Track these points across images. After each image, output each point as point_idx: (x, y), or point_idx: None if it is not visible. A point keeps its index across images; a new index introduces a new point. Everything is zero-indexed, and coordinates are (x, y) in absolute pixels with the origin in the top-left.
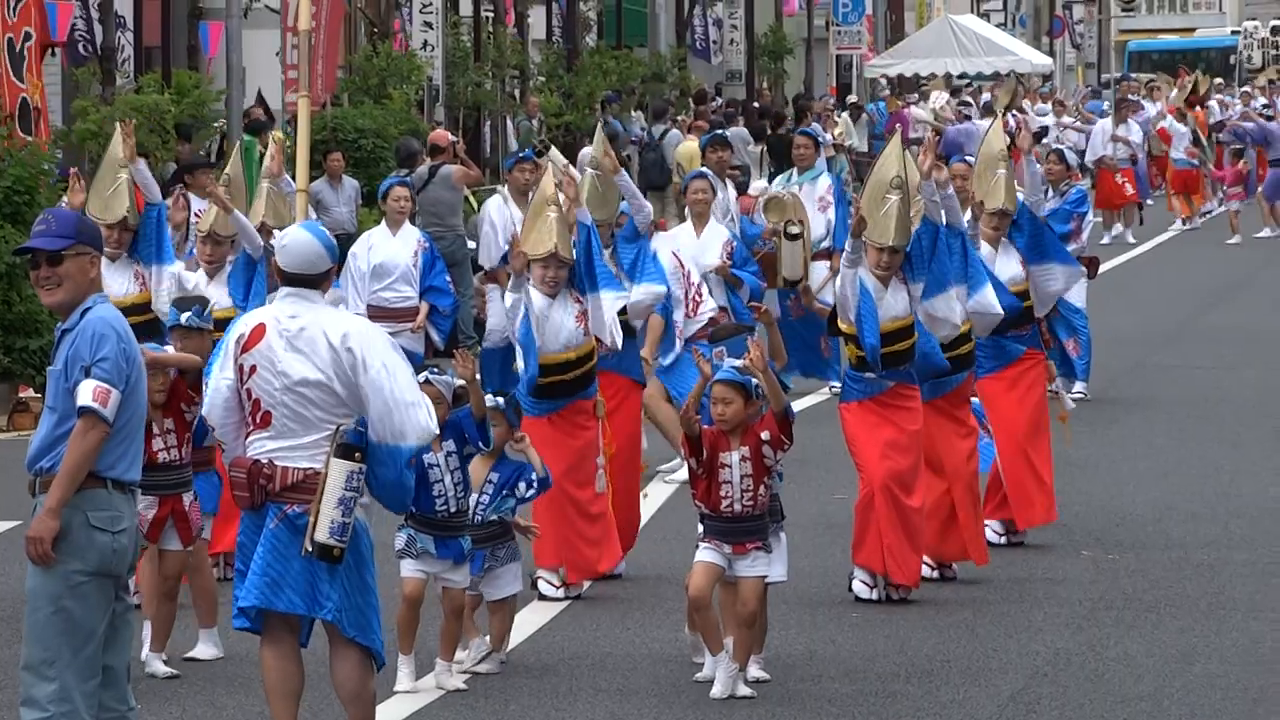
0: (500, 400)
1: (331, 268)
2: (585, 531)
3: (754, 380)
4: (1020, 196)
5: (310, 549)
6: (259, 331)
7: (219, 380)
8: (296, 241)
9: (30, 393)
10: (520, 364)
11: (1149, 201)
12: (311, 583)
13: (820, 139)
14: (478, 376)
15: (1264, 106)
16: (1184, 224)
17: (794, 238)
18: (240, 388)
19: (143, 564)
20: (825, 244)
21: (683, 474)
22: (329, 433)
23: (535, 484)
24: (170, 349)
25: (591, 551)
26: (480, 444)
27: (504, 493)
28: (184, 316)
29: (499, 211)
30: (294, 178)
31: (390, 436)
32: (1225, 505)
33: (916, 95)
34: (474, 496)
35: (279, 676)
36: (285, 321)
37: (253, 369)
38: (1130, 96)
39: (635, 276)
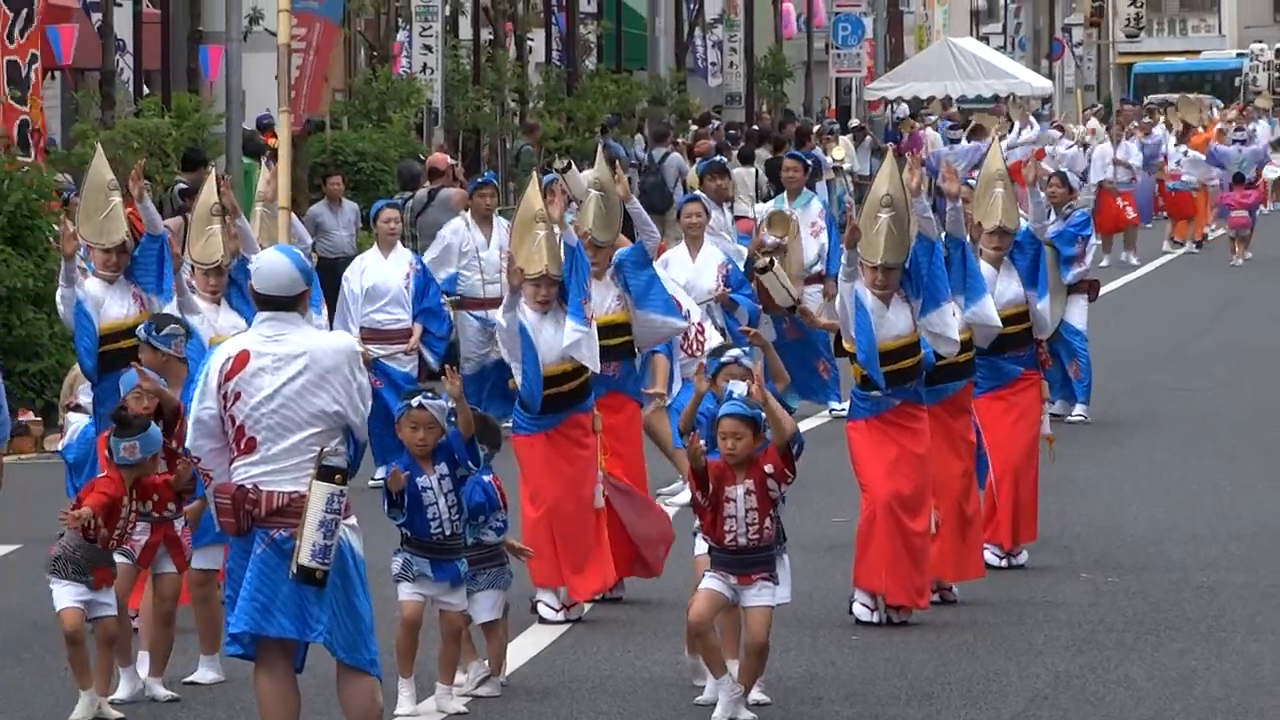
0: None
1: (307, 290)
2: (579, 553)
3: (762, 414)
4: (1025, 224)
5: (295, 573)
6: (243, 358)
7: (199, 411)
8: (270, 264)
9: (30, 416)
10: (518, 381)
11: (1148, 225)
12: (301, 606)
13: (823, 163)
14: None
15: (1235, 130)
16: (1172, 244)
17: (764, 270)
18: (224, 415)
19: (144, 590)
20: (818, 268)
21: (682, 498)
22: (312, 455)
23: (484, 491)
24: None
25: (580, 575)
26: (470, 463)
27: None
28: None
29: (457, 234)
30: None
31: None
32: (1225, 526)
33: (935, 115)
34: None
35: (274, 701)
36: (268, 345)
37: (237, 395)
38: (1145, 120)
39: (645, 303)
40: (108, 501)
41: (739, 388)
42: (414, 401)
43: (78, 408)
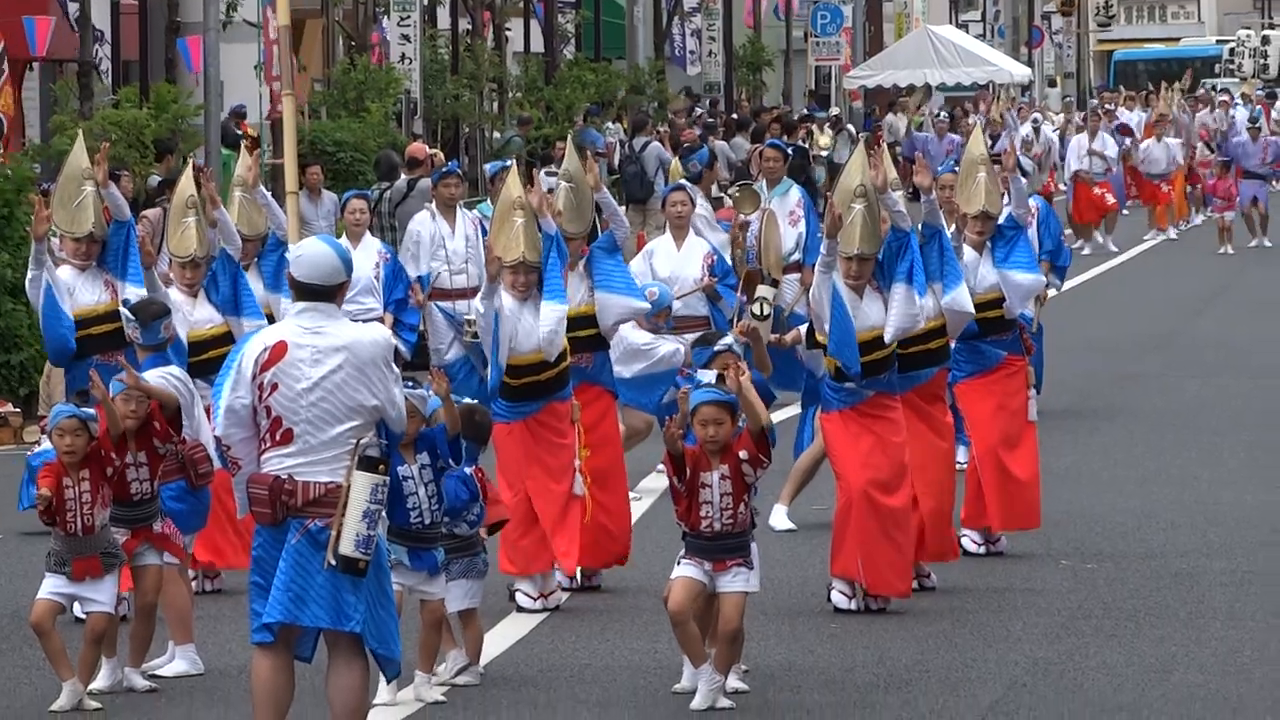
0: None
1: (347, 280)
2: (558, 535)
3: (735, 399)
4: (1008, 210)
5: (334, 562)
6: (280, 349)
7: (232, 400)
8: (312, 253)
9: (9, 408)
10: (488, 370)
11: (1125, 211)
12: (335, 596)
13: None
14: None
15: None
16: (1158, 232)
17: (762, 317)
18: (258, 405)
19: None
20: (795, 257)
21: (650, 482)
22: (349, 447)
23: (466, 486)
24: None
25: (563, 552)
26: (450, 460)
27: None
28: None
29: (425, 225)
30: (268, 187)
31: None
32: (1204, 514)
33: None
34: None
35: (271, 688)
36: (307, 337)
37: (274, 386)
38: (1108, 106)
39: (605, 285)
40: (54, 480)
41: (707, 375)
42: None
43: None
